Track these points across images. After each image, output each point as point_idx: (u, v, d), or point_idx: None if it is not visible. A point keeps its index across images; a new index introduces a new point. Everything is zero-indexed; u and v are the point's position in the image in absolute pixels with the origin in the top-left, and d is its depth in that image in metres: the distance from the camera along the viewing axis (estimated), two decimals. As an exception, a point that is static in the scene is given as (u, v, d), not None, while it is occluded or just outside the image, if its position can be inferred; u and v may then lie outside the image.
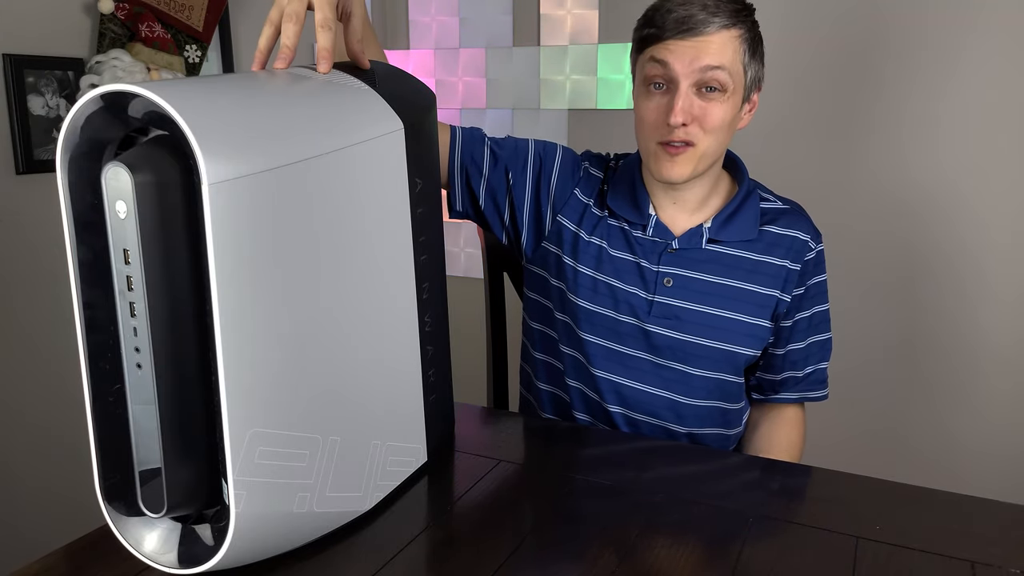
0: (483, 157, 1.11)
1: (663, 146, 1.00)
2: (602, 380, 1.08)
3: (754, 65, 1.01)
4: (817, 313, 1.12)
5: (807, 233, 1.09)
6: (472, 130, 1.12)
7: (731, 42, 0.98)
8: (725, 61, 0.97)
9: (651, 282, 1.06)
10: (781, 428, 1.16)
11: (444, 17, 2.21)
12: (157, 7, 1.64)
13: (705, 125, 0.98)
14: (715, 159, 1.03)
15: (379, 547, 0.72)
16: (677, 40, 0.97)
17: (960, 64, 1.69)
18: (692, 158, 1.00)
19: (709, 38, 0.96)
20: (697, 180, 1.06)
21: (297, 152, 0.62)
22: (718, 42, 0.97)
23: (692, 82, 0.97)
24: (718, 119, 0.99)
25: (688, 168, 1.01)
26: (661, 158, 1.01)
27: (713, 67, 0.96)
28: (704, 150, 1.00)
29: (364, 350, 0.72)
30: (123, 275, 0.58)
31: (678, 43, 0.97)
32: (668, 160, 1.00)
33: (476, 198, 1.12)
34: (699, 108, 0.98)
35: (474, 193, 1.12)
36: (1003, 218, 1.71)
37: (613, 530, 0.75)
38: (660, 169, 1.01)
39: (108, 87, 0.56)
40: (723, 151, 1.04)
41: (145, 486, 0.62)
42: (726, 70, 0.97)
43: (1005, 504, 0.81)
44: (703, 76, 0.97)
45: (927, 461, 1.84)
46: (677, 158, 1.00)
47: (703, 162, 1.01)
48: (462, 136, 1.11)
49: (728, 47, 0.97)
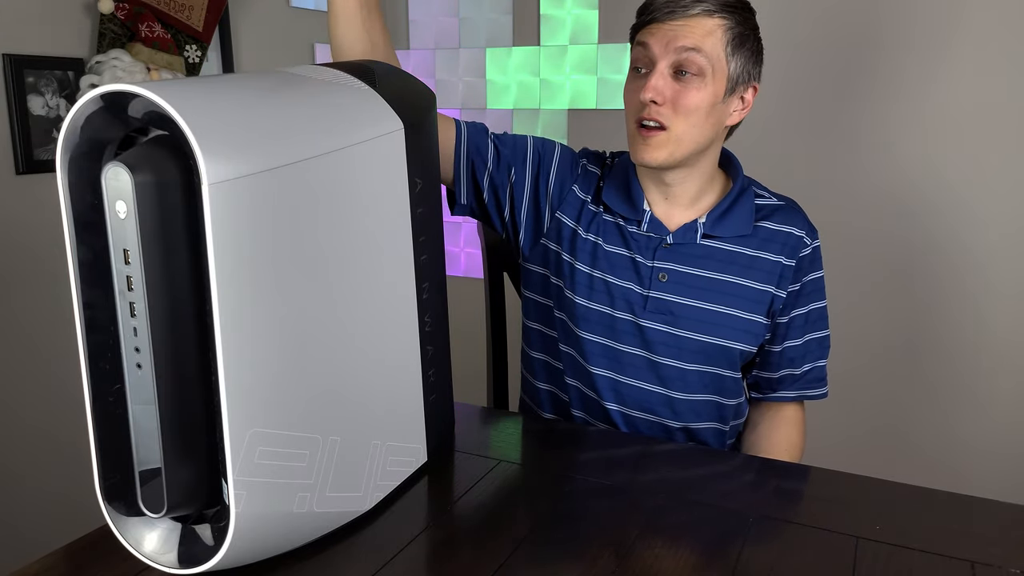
0: (487, 150, 1.11)
1: (639, 129, 1.02)
2: (599, 378, 1.09)
3: (740, 59, 1.02)
4: (814, 310, 1.12)
5: (802, 229, 1.10)
6: (475, 124, 1.13)
7: (714, 29, 0.99)
8: (703, 45, 0.99)
9: (646, 277, 1.07)
10: (780, 427, 1.16)
11: (444, 17, 2.21)
12: (157, 7, 1.64)
13: (678, 107, 1.00)
14: (694, 147, 1.03)
15: (379, 547, 0.72)
16: (660, 23, 1.00)
17: (956, 60, 1.69)
18: (666, 142, 1.01)
19: (690, 21, 0.99)
20: (687, 174, 1.06)
21: (297, 152, 0.62)
22: (699, 26, 0.99)
23: (668, 63, 0.99)
24: (692, 103, 0.99)
25: (662, 152, 1.01)
26: (637, 141, 1.03)
27: (688, 48, 0.98)
28: (679, 135, 1.01)
29: (364, 350, 0.72)
30: (123, 275, 0.58)
31: (660, 25, 1.00)
32: (643, 143, 1.02)
33: (480, 191, 1.12)
34: (672, 90, 1.00)
35: (479, 186, 1.12)
36: (1004, 215, 1.71)
37: (613, 530, 0.75)
38: (636, 152, 1.04)
39: (108, 87, 0.56)
40: (704, 140, 1.03)
41: (145, 486, 0.62)
42: (703, 54, 0.98)
43: (1005, 504, 0.81)
44: (679, 57, 0.99)
45: (928, 460, 1.84)
46: (650, 141, 1.01)
47: (679, 148, 1.02)
48: (467, 129, 1.11)
49: (709, 33, 0.99)
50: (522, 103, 2.15)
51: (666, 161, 1.02)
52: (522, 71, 2.14)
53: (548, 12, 2.07)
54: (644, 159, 1.03)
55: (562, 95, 2.10)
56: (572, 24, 2.05)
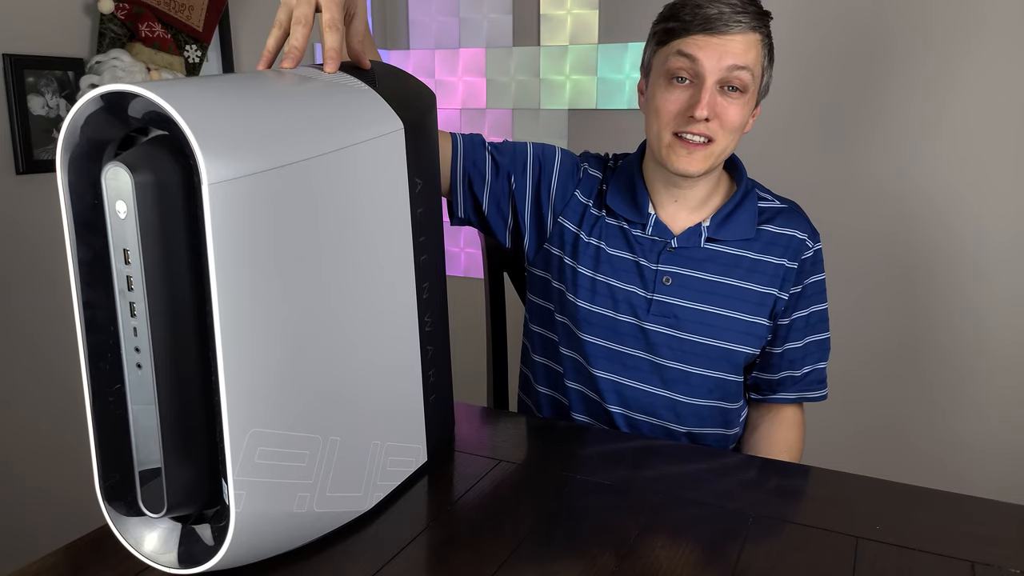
0: (485, 163, 1.11)
1: (679, 139, 1.01)
2: (602, 380, 1.09)
3: (769, 71, 1.04)
4: (815, 312, 1.12)
5: (804, 232, 1.10)
6: (472, 136, 1.13)
7: (755, 45, 0.99)
8: (749, 62, 0.99)
9: (650, 281, 1.07)
10: (780, 429, 1.16)
11: (444, 17, 2.21)
12: (157, 7, 1.64)
13: (724, 123, 1.00)
14: (726, 158, 1.05)
15: (379, 547, 0.72)
16: (705, 36, 0.98)
17: (962, 64, 1.69)
18: (710, 155, 1.01)
19: (735, 37, 0.98)
20: (703, 178, 1.06)
21: (297, 152, 0.62)
22: (743, 43, 0.98)
23: (717, 79, 0.99)
24: (736, 119, 1.00)
25: (705, 164, 1.02)
26: (677, 150, 1.02)
27: (739, 67, 0.98)
28: (722, 148, 1.02)
29: (364, 350, 0.72)
30: (123, 275, 0.58)
31: (707, 39, 0.98)
32: (685, 153, 1.01)
33: (479, 204, 1.12)
34: (720, 106, 0.99)
35: (477, 199, 1.12)
36: (1004, 217, 1.71)
37: (613, 530, 0.75)
38: (676, 161, 1.02)
39: (108, 87, 0.56)
40: (732, 150, 1.05)
41: (145, 486, 0.62)
42: (749, 71, 0.99)
43: (1005, 504, 0.81)
44: (728, 75, 0.98)
45: (928, 460, 1.84)
46: (695, 153, 1.01)
47: (718, 160, 1.03)
48: (463, 143, 1.11)
49: (752, 49, 0.99)
50: (522, 103, 2.15)
51: (704, 170, 1.02)
52: (522, 71, 2.14)
53: (548, 12, 2.07)
54: (686, 169, 1.01)
55: (562, 95, 2.10)
56: (572, 24, 2.05)
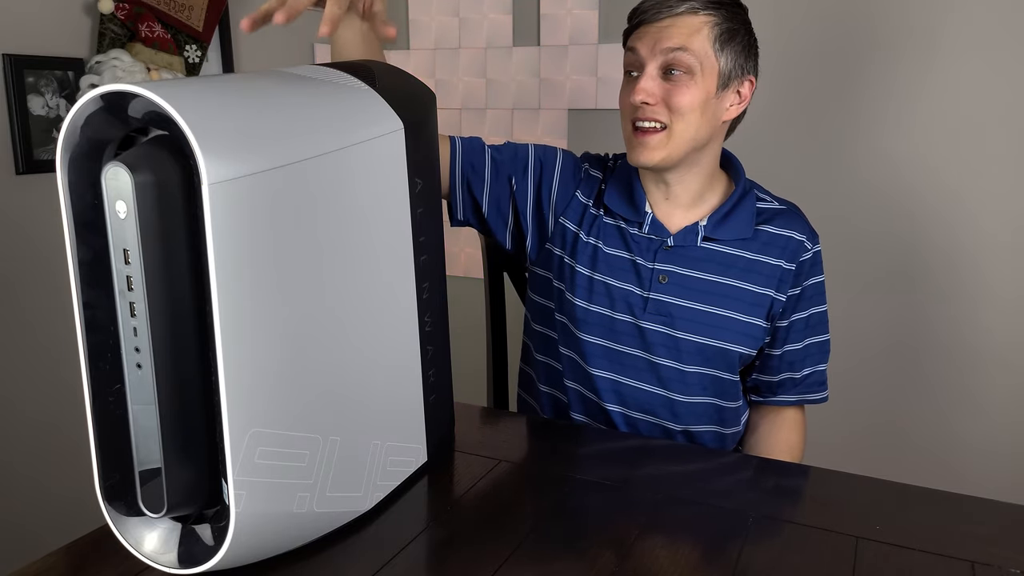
0: (484, 166, 1.11)
1: (635, 131, 1.03)
2: (599, 379, 1.09)
3: (731, 54, 1.02)
4: (814, 314, 1.12)
5: (803, 234, 1.10)
6: (471, 139, 1.13)
7: (700, 27, 1.00)
8: (690, 43, 0.99)
9: (646, 279, 1.07)
10: (780, 430, 1.16)
11: (444, 17, 2.21)
12: (157, 7, 1.64)
13: (671, 106, 1.00)
14: (692, 145, 1.03)
15: (379, 547, 0.72)
16: (644, 27, 1.02)
17: (954, 62, 1.69)
18: (663, 141, 1.02)
19: (676, 20, 1.00)
20: (686, 173, 1.06)
21: (297, 152, 0.62)
22: (685, 25, 1.00)
23: (657, 64, 1.01)
24: (684, 101, 1.00)
25: (660, 153, 1.02)
26: (633, 143, 1.04)
27: (675, 48, 0.99)
28: (678, 133, 1.01)
29: (364, 350, 0.72)
30: (123, 275, 0.58)
31: (647, 28, 1.02)
32: (640, 145, 1.03)
33: (479, 206, 1.13)
34: (663, 89, 1.01)
35: (477, 202, 1.12)
36: (1002, 216, 1.71)
37: (613, 530, 0.75)
38: (633, 154, 1.04)
39: (108, 87, 0.56)
40: (702, 137, 1.03)
41: (145, 486, 0.62)
42: (690, 52, 0.99)
43: (1005, 504, 0.81)
44: (666, 58, 1.00)
45: (928, 460, 1.84)
46: (646, 142, 1.02)
47: (676, 147, 1.02)
48: (462, 146, 1.11)
49: (696, 31, 1.00)
50: (522, 103, 2.15)
51: (663, 161, 1.02)
52: (522, 71, 2.14)
53: (548, 12, 2.07)
54: (641, 160, 1.03)
55: (562, 95, 2.10)
56: (572, 24, 2.05)
